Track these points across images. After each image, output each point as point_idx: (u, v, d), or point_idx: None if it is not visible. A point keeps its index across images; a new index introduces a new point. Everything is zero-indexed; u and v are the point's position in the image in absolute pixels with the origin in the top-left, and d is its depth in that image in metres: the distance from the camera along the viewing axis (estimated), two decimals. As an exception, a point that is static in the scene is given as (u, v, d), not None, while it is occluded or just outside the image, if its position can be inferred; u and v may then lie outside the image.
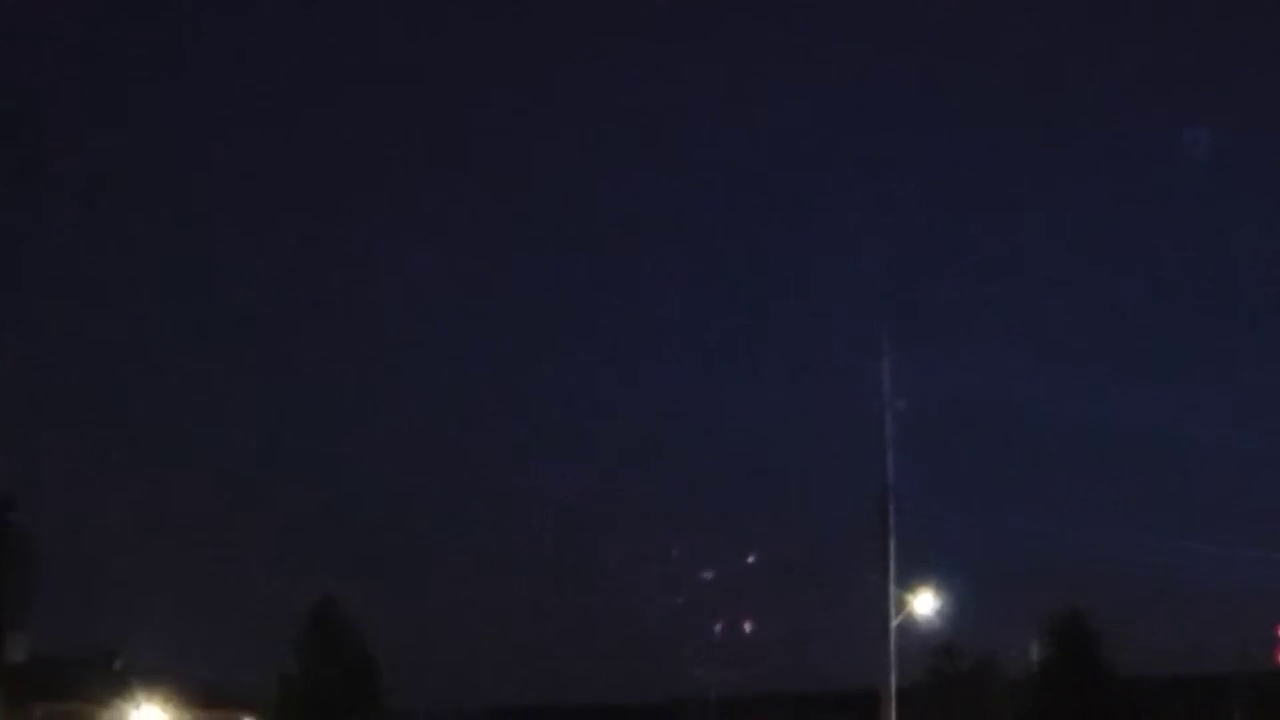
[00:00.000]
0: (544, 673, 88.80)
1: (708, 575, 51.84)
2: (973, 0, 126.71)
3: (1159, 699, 71.66)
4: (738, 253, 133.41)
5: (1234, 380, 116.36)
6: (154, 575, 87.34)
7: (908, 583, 60.14)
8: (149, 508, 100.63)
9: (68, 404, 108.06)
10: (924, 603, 63.27)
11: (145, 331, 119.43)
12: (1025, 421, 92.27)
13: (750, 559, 49.01)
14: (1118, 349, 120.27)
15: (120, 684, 70.32)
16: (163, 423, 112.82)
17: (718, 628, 50.75)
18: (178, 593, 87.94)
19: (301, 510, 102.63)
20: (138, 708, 69.66)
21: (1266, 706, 79.72)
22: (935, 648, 76.25)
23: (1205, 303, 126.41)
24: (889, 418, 50.47)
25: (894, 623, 57.08)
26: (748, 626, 50.94)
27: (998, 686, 73.23)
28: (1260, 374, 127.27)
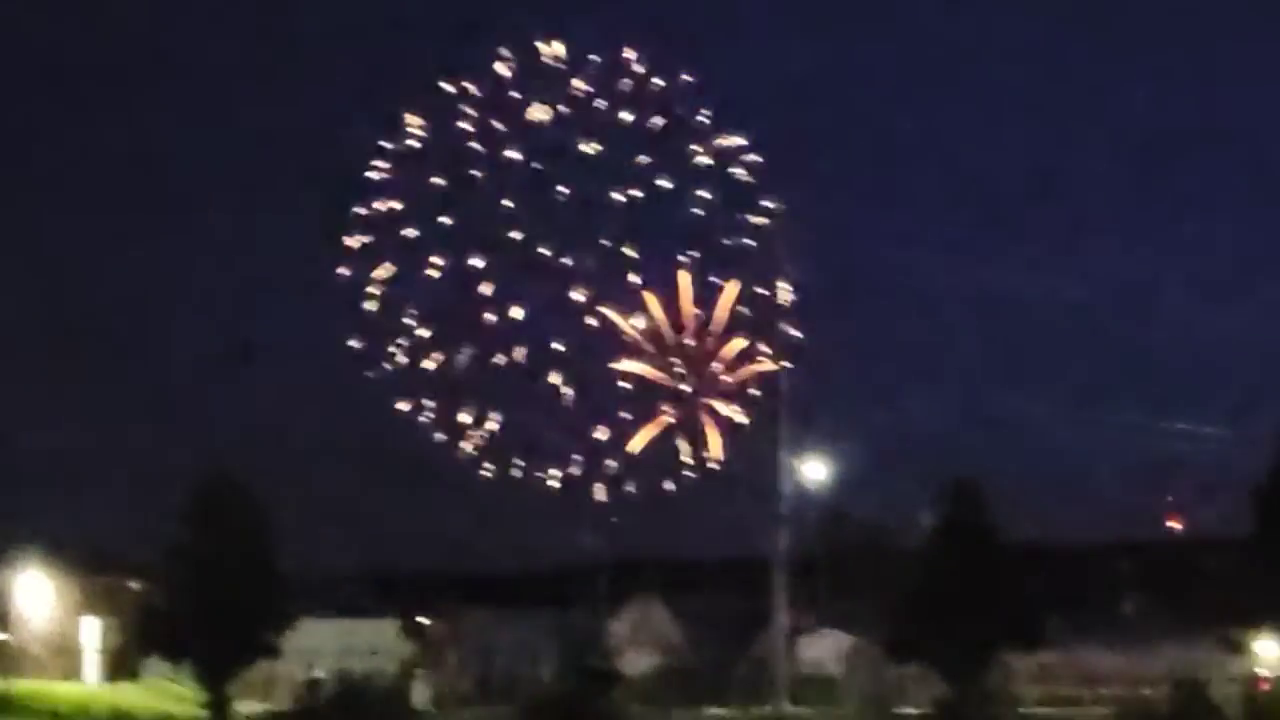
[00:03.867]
0: (435, 541, 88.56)
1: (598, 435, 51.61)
2: None
3: (1049, 566, 72.33)
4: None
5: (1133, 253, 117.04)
6: (41, 441, 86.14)
7: (799, 452, 59.98)
8: (40, 370, 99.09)
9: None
10: (815, 470, 63.26)
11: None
12: (923, 292, 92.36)
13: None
14: (1018, 217, 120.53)
15: (4, 549, 69.40)
16: (55, 289, 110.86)
17: (603, 493, 50.23)
18: (66, 459, 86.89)
19: (194, 377, 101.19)
20: (23, 573, 68.90)
21: (1153, 572, 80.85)
22: (827, 516, 76.65)
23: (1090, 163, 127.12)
24: (783, 289, 50.04)
25: (786, 491, 56.93)
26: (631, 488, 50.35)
27: (889, 554, 73.62)
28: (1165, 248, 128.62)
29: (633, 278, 47.87)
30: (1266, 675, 67.64)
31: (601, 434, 48.31)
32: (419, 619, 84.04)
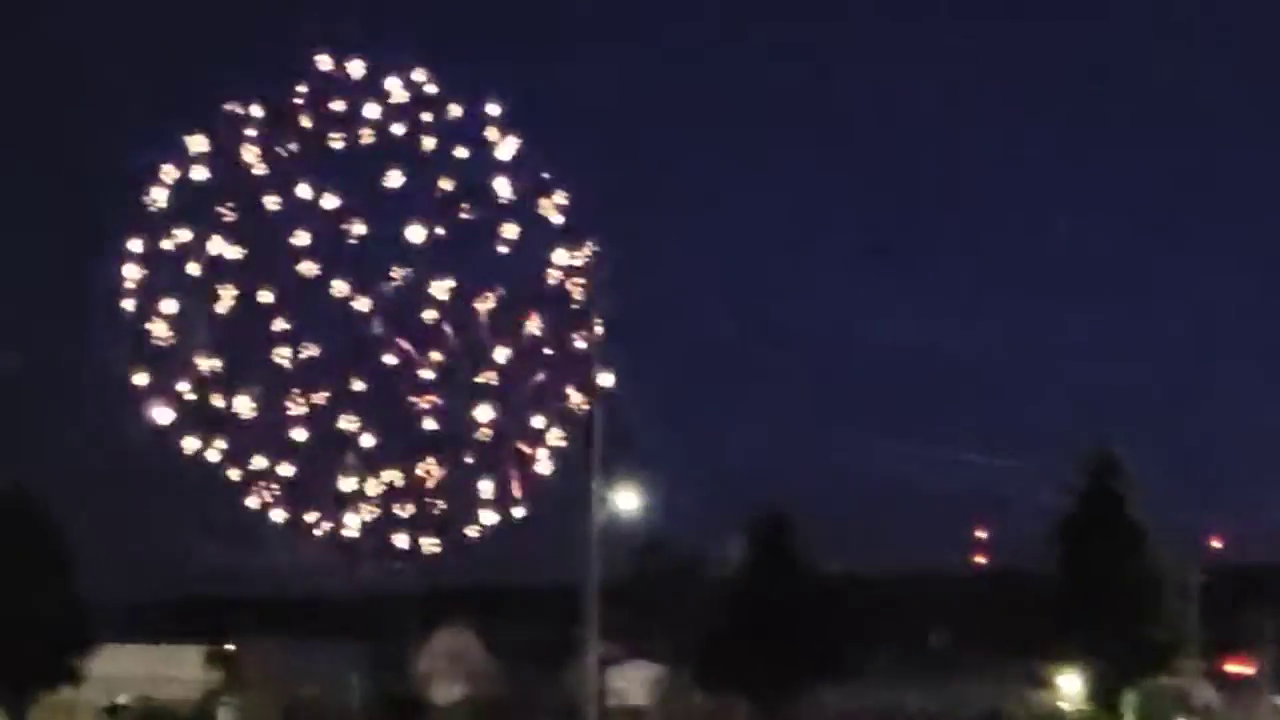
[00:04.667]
0: (250, 563, 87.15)
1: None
2: None
3: (857, 597, 72.87)
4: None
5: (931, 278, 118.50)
6: None
7: (611, 480, 60.00)
8: None
9: None
10: (627, 500, 63.34)
11: None
12: (731, 323, 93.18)
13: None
14: (828, 245, 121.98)
15: None
16: None
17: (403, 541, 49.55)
18: None
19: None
20: None
21: (960, 604, 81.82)
22: (640, 546, 76.79)
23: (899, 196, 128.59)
24: (595, 319, 49.84)
25: (598, 520, 56.86)
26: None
27: (700, 586, 73.90)
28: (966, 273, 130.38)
29: (431, 314, 47.14)
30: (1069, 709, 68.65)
31: (396, 477, 47.45)
32: (224, 646, 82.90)
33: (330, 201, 45.41)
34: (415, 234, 45.49)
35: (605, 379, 49.53)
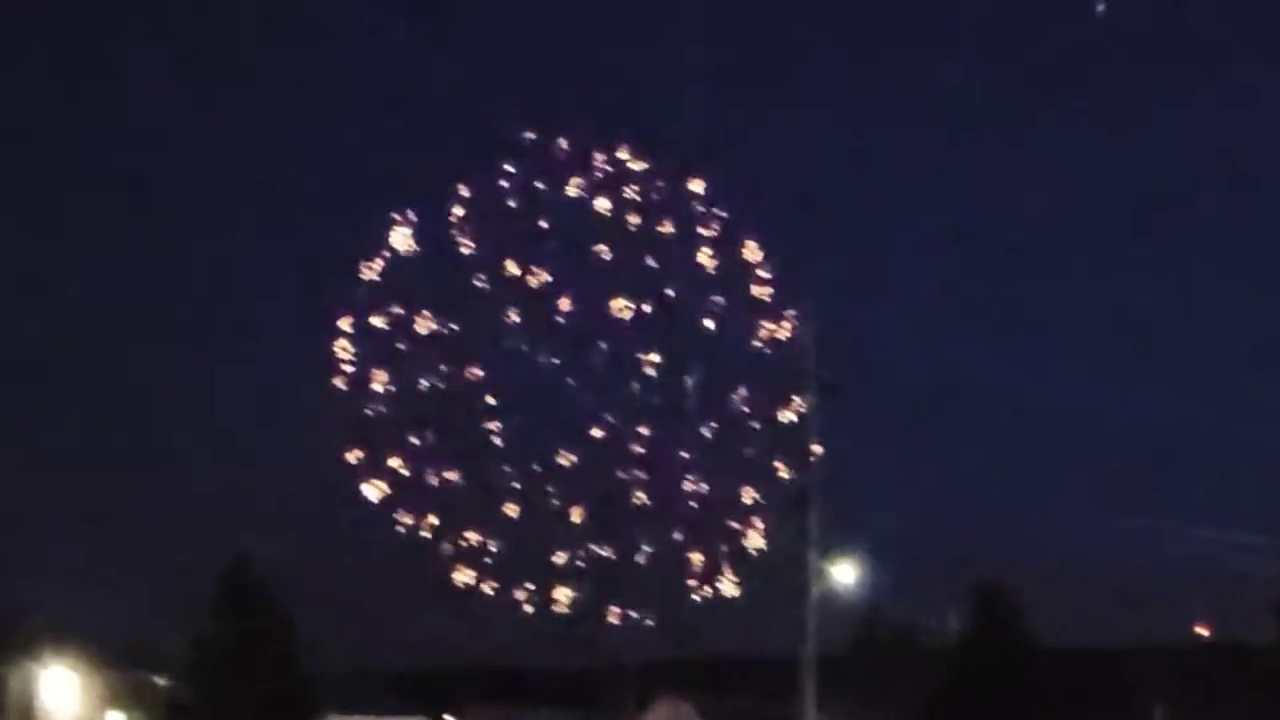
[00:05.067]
0: (459, 638, 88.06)
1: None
2: None
3: (1078, 670, 71.64)
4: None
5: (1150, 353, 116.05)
6: (67, 533, 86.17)
7: (829, 552, 59.76)
8: (60, 462, 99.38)
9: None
10: (844, 572, 62.98)
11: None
12: (948, 393, 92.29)
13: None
14: (1035, 318, 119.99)
15: (29, 643, 69.42)
16: (76, 375, 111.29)
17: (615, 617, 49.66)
18: (91, 551, 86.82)
19: (219, 468, 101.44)
20: (47, 667, 68.85)
21: (1184, 681, 79.96)
22: (856, 618, 76.36)
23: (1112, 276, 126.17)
24: (812, 385, 49.80)
25: (814, 592, 56.62)
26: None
27: (917, 657, 73.24)
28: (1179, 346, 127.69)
29: (636, 387, 47.24)
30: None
31: (606, 551, 47.57)
32: (444, 717, 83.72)
33: (537, 278, 45.93)
34: (620, 308, 45.82)
35: (817, 449, 49.39)
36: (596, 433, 46.62)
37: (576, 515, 46.45)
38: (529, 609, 46.96)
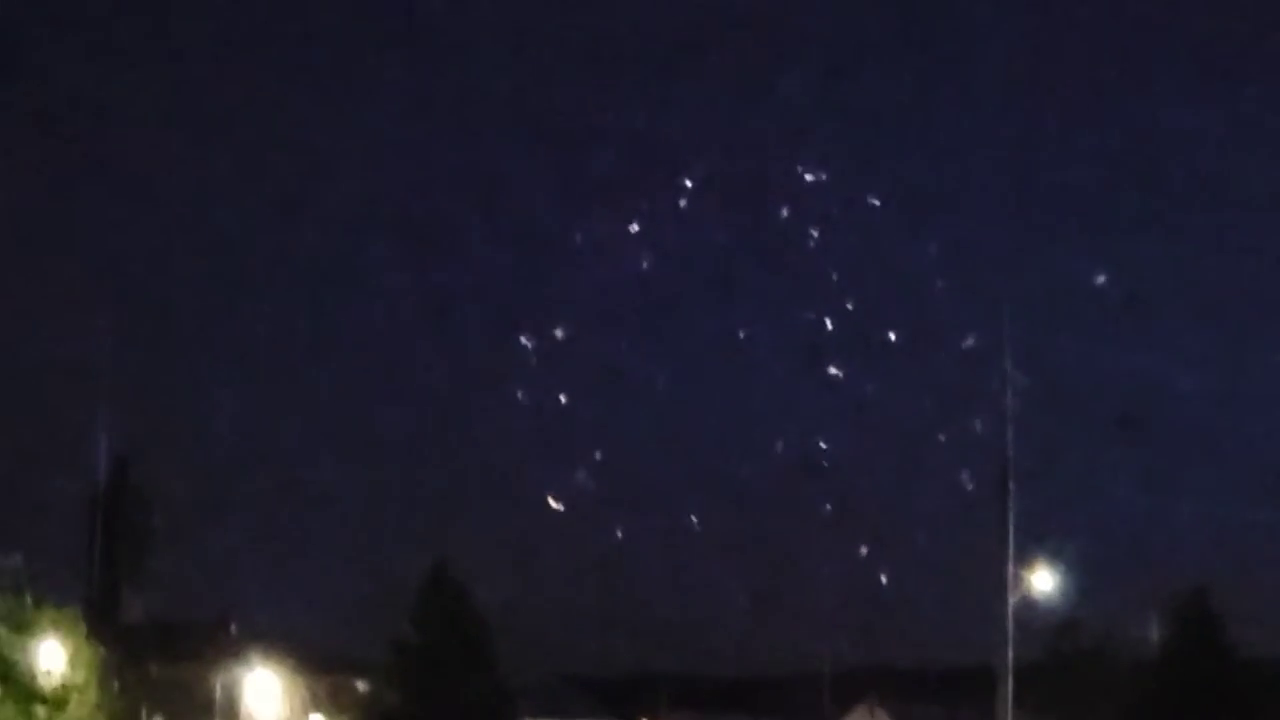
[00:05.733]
0: (654, 643, 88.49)
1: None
2: None
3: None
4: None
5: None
6: (270, 539, 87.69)
7: (1027, 559, 59.26)
8: (264, 469, 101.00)
9: (188, 366, 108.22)
10: (1042, 580, 62.39)
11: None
12: (1146, 397, 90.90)
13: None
14: (1246, 319, 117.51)
15: (235, 647, 70.74)
16: (278, 382, 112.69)
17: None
18: (293, 557, 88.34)
19: (417, 475, 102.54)
20: (252, 670, 70.05)
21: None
22: (1054, 626, 75.44)
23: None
24: (1009, 393, 49.53)
25: (1012, 600, 56.19)
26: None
27: (1117, 666, 72.24)
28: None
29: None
30: None
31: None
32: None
33: None
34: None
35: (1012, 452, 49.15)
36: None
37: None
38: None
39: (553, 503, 46.78)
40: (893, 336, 48.11)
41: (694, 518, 47.48)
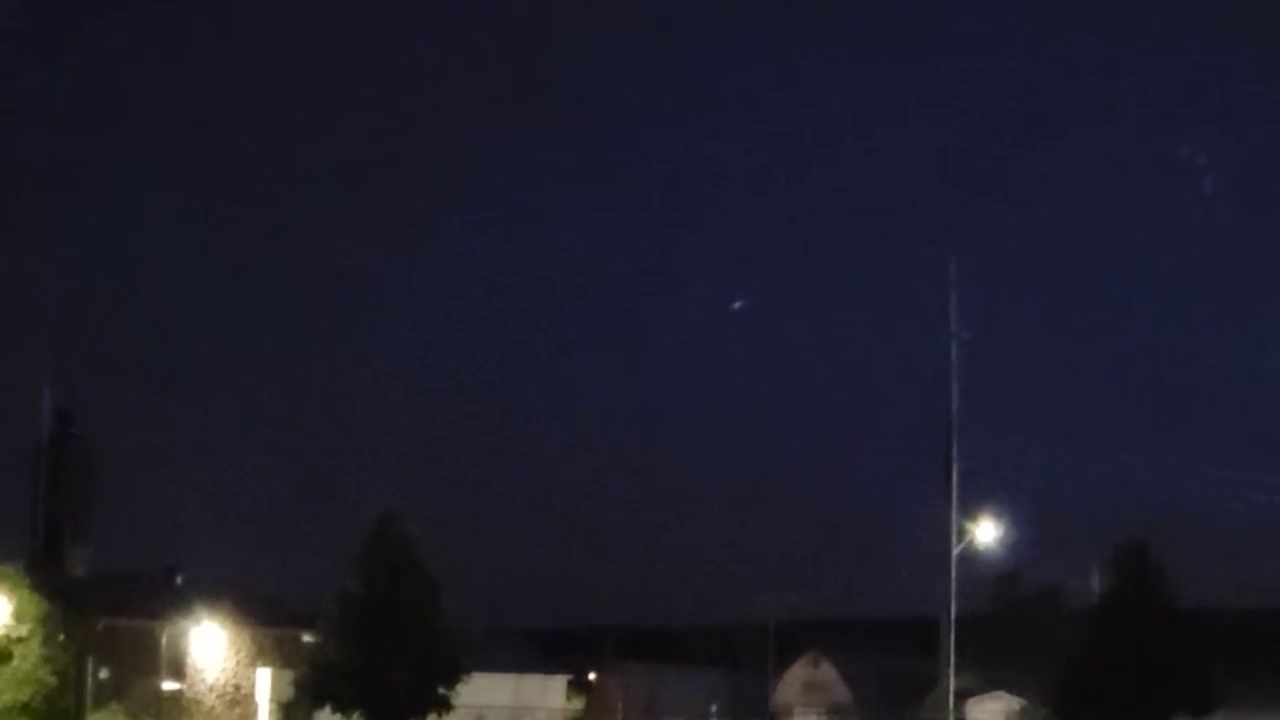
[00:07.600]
0: (600, 595, 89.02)
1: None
2: None
3: (1221, 632, 71.05)
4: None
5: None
6: (215, 491, 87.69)
7: (970, 511, 59.73)
8: (209, 424, 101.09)
9: (127, 320, 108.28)
10: (986, 531, 62.93)
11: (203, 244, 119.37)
12: (1089, 352, 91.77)
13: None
14: (1187, 276, 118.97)
15: (181, 600, 70.70)
16: (223, 342, 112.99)
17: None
18: (239, 509, 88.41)
19: (363, 427, 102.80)
20: (198, 623, 70.03)
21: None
22: (997, 577, 76.06)
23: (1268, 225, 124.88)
24: (954, 347, 49.93)
25: (955, 551, 56.71)
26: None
27: (1060, 616, 72.86)
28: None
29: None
30: None
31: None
32: (587, 675, 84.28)
33: None
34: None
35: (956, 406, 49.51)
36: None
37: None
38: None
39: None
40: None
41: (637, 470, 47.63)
